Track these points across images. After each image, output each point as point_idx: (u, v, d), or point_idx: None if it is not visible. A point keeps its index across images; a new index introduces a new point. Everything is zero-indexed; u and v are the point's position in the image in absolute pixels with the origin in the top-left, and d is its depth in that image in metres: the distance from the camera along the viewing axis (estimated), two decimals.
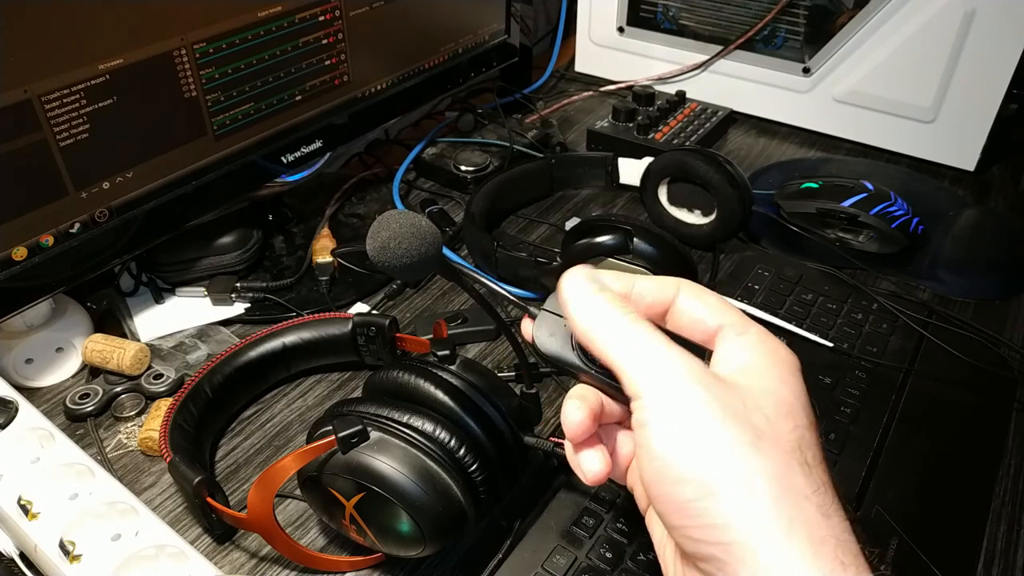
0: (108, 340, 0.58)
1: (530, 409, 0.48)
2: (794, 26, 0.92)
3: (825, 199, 0.73)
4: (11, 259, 0.51)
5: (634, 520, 0.47)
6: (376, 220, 0.38)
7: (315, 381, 0.60)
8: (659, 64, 1.01)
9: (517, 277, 0.66)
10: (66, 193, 0.52)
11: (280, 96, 0.64)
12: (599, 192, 0.84)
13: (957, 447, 0.54)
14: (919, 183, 0.85)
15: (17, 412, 0.48)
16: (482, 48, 0.85)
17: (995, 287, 0.70)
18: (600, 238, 0.59)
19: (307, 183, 0.77)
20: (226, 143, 0.61)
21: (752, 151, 0.93)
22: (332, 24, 0.66)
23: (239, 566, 0.47)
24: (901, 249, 0.72)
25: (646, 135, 0.87)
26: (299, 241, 0.73)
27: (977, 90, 0.82)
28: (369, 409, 0.42)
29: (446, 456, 0.40)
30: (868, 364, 0.59)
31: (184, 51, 0.55)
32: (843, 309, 0.65)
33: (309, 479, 0.42)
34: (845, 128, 0.93)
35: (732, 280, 0.68)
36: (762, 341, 0.32)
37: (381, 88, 0.74)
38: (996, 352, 0.61)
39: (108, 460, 0.53)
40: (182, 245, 0.65)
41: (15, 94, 0.47)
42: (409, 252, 0.37)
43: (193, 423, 0.50)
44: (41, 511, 0.43)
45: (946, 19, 0.80)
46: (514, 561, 0.45)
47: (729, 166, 0.70)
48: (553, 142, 0.89)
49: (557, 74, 1.10)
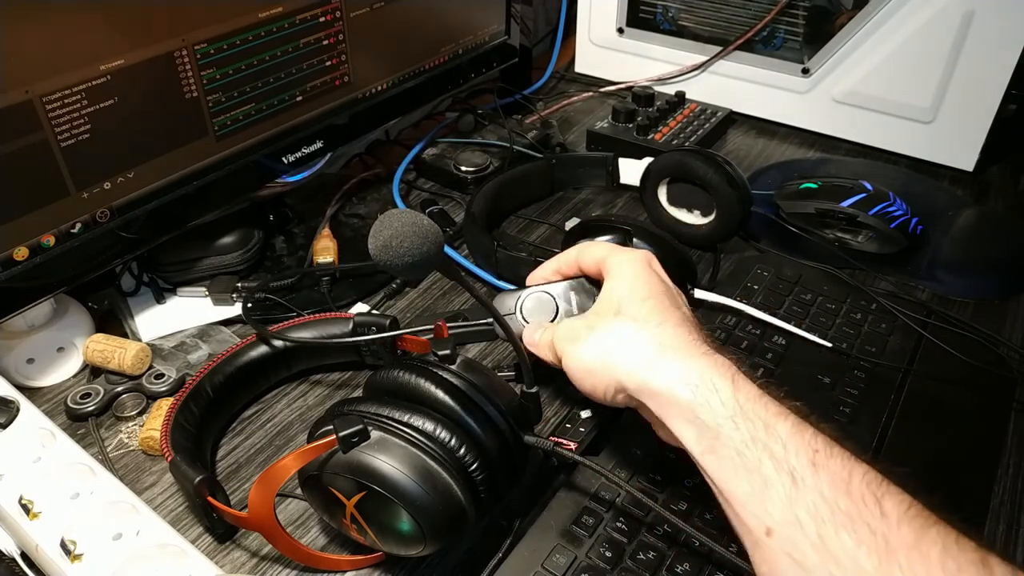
0: (109, 340, 0.58)
1: (530, 408, 0.48)
2: (793, 27, 0.92)
3: (824, 199, 0.73)
4: (12, 259, 0.51)
5: (634, 520, 0.47)
6: (378, 219, 0.38)
7: (316, 381, 0.60)
8: (659, 65, 1.01)
9: (517, 277, 0.66)
10: (67, 193, 0.52)
11: (281, 97, 0.64)
12: (599, 192, 0.84)
13: (956, 447, 0.54)
14: (918, 183, 0.85)
15: (18, 412, 0.49)
16: (482, 49, 0.86)
17: (994, 287, 0.70)
18: (600, 238, 0.59)
19: (308, 183, 0.77)
20: (227, 143, 0.62)
21: (751, 151, 0.93)
22: (333, 25, 0.66)
23: (240, 565, 0.47)
24: (900, 249, 0.72)
25: (646, 136, 0.88)
26: (300, 241, 0.74)
27: (976, 90, 0.82)
28: (370, 409, 0.42)
29: (446, 455, 0.41)
30: (867, 364, 0.59)
31: (185, 52, 0.56)
32: (842, 309, 0.65)
33: (310, 478, 0.42)
34: (844, 128, 0.93)
35: (732, 280, 0.68)
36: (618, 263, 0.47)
37: (382, 89, 0.74)
38: (995, 352, 0.61)
39: (109, 459, 0.53)
40: (183, 245, 0.65)
41: (16, 94, 0.47)
42: (411, 251, 0.38)
43: (194, 423, 0.50)
44: (42, 510, 0.43)
45: (945, 19, 0.81)
46: (514, 560, 0.45)
47: (728, 166, 0.70)
48: (553, 143, 0.89)
49: (557, 75, 1.10)
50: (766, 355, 0.60)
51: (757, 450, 0.35)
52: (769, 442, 0.34)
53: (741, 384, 0.38)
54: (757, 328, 0.63)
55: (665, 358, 0.40)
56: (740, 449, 0.35)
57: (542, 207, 0.82)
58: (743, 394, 0.37)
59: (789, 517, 0.32)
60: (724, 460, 0.36)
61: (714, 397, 0.37)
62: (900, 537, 0.30)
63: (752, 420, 0.36)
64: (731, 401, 0.37)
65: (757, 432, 0.35)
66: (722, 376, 0.38)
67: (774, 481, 0.34)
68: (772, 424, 0.35)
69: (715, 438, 0.37)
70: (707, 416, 0.37)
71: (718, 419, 0.37)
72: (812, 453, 0.33)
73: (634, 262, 0.47)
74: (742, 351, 0.60)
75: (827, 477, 0.32)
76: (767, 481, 0.34)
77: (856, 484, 0.32)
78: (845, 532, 0.31)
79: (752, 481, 0.34)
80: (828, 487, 0.32)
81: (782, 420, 0.36)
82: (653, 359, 0.41)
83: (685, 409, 0.38)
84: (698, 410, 0.38)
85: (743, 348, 0.61)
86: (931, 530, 0.31)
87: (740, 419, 0.36)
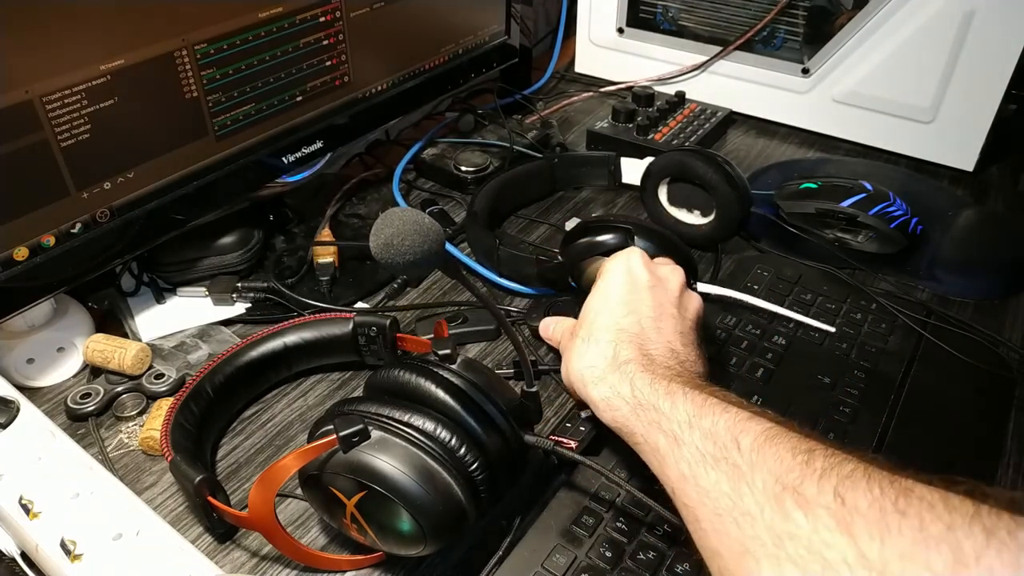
0: (109, 340, 0.58)
1: (530, 408, 0.48)
2: (793, 27, 0.92)
3: (824, 199, 0.73)
4: (12, 259, 0.51)
5: (634, 520, 0.47)
6: (379, 217, 0.38)
7: (316, 381, 0.60)
8: (659, 65, 1.01)
9: (519, 274, 0.66)
10: (67, 193, 0.52)
11: (281, 97, 0.64)
12: (600, 192, 0.84)
13: (956, 447, 0.54)
14: (918, 183, 0.85)
15: (18, 412, 0.49)
16: (482, 49, 0.86)
17: (994, 287, 0.70)
18: (601, 237, 0.59)
19: (308, 183, 0.77)
20: (227, 143, 0.62)
21: (751, 151, 0.93)
22: (333, 25, 0.66)
23: (240, 565, 0.47)
24: (900, 249, 0.72)
25: (646, 136, 0.88)
26: (300, 241, 0.74)
27: (976, 90, 0.82)
28: (370, 408, 0.42)
29: (447, 455, 0.41)
30: (867, 364, 0.59)
31: (185, 52, 0.56)
32: (842, 309, 0.65)
33: (310, 478, 0.42)
34: (844, 128, 0.93)
35: (732, 280, 0.68)
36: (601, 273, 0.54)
37: (382, 89, 0.74)
38: (995, 352, 0.61)
39: (109, 459, 0.53)
40: (183, 245, 0.65)
41: (16, 95, 0.47)
42: (412, 249, 0.38)
43: (194, 422, 0.50)
44: (42, 510, 0.43)
45: (945, 19, 0.81)
46: (514, 560, 0.45)
47: (728, 166, 0.70)
48: (553, 143, 0.89)
49: (557, 75, 1.10)
50: (766, 355, 0.60)
51: (654, 432, 0.41)
52: (660, 421, 0.41)
53: (637, 381, 0.44)
54: (757, 329, 0.63)
55: (591, 382, 0.47)
56: (645, 435, 0.42)
57: (542, 207, 0.82)
58: (639, 389, 0.44)
59: (677, 473, 0.39)
60: (641, 450, 0.43)
61: (620, 402, 0.44)
62: (747, 460, 0.36)
63: (647, 408, 0.42)
64: (631, 399, 0.44)
65: (651, 416, 0.42)
66: (623, 381, 0.45)
67: (665, 449, 0.40)
68: (659, 405, 0.42)
69: (631, 435, 0.43)
70: (620, 420, 0.44)
71: (627, 419, 0.43)
72: (688, 417, 0.40)
73: (608, 272, 0.53)
74: (742, 351, 0.60)
75: (699, 432, 0.39)
76: (662, 451, 0.40)
77: (720, 430, 0.38)
78: (712, 470, 0.37)
79: (657, 457, 0.41)
80: (700, 439, 0.38)
81: (668, 398, 0.42)
82: (585, 382, 0.47)
83: (608, 420, 0.45)
84: (614, 417, 0.44)
85: (743, 348, 0.61)
86: (774, 445, 0.36)
87: (640, 411, 0.43)
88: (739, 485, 0.35)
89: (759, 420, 0.38)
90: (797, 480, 0.33)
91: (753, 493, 0.34)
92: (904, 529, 0.29)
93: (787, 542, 0.32)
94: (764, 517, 0.33)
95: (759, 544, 0.33)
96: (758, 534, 0.33)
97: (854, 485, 0.32)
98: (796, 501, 0.33)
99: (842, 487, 0.32)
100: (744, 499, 0.35)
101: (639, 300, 0.50)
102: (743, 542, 0.34)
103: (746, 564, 0.33)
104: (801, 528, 0.32)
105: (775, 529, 0.33)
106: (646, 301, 0.50)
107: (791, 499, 0.33)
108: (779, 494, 0.33)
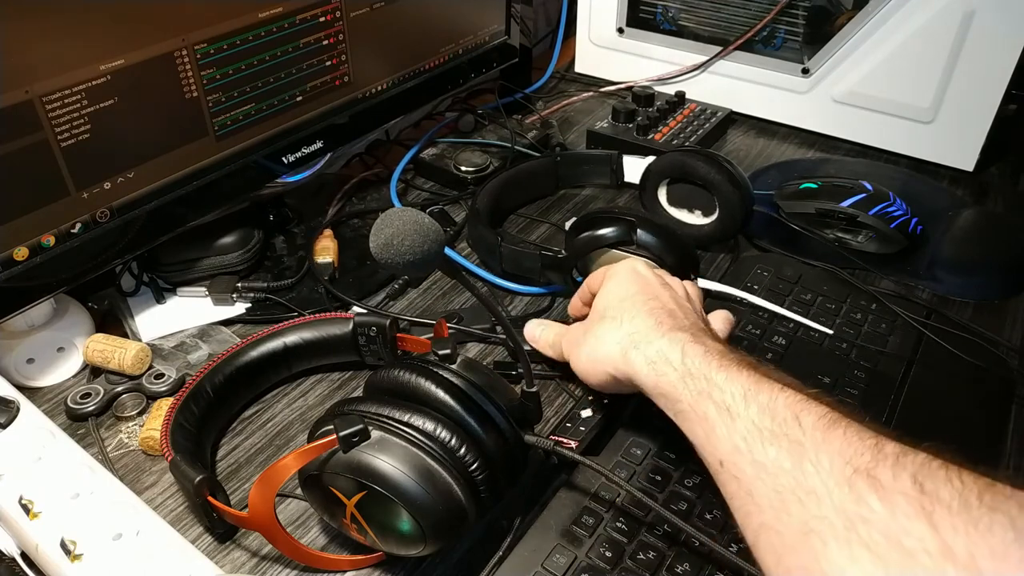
0: (109, 340, 0.58)
1: (530, 408, 0.48)
2: (793, 27, 0.92)
3: (824, 199, 0.73)
4: (12, 259, 0.51)
5: (634, 520, 0.47)
6: (379, 217, 0.39)
7: (316, 381, 0.60)
8: (659, 65, 1.01)
9: (522, 270, 0.66)
10: (67, 193, 0.52)
11: (281, 97, 0.64)
12: (601, 191, 0.84)
13: (956, 447, 0.53)
14: (918, 183, 0.85)
15: (18, 412, 0.49)
16: (482, 49, 0.86)
17: (994, 287, 0.70)
18: (604, 230, 0.59)
19: (308, 183, 0.77)
20: (227, 143, 0.62)
21: (751, 151, 0.93)
22: (333, 25, 0.66)
23: (240, 565, 0.47)
24: (900, 249, 0.72)
25: (646, 136, 0.88)
26: (300, 241, 0.74)
27: (976, 90, 0.82)
28: (370, 408, 0.42)
29: (447, 455, 0.41)
30: (867, 364, 0.59)
31: (185, 52, 0.56)
32: (842, 309, 0.65)
33: (310, 478, 0.42)
34: (844, 128, 0.93)
35: (732, 280, 0.68)
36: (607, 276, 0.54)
37: (382, 89, 0.74)
38: (995, 352, 0.61)
39: (109, 459, 0.53)
40: (183, 245, 0.65)
41: (16, 94, 0.47)
42: (412, 249, 0.38)
43: (194, 422, 0.50)
44: (42, 510, 0.43)
45: (945, 19, 0.81)
46: (514, 560, 0.45)
47: (730, 166, 0.70)
48: (553, 143, 0.89)
49: (557, 75, 1.10)
50: (766, 355, 0.60)
51: (703, 400, 0.41)
52: (711, 391, 0.41)
53: (688, 350, 0.44)
54: (757, 329, 0.63)
55: (634, 346, 0.47)
56: (692, 404, 0.42)
57: (543, 206, 0.82)
58: (689, 358, 0.44)
59: (730, 445, 0.38)
60: (684, 417, 0.43)
61: (668, 368, 0.44)
62: (811, 438, 0.35)
63: (697, 378, 0.42)
64: (680, 367, 0.44)
65: (701, 385, 0.42)
66: (673, 348, 0.45)
67: (716, 421, 0.40)
68: (712, 376, 0.42)
69: (676, 402, 0.43)
70: (666, 385, 0.44)
71: (674, 385, 0.43)
72: (744, 391, 0.40)
73: (617, 272, 0.54)
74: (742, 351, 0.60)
75: (756, 407, 0.39)
76: (712, 423, 0.40)
77: (779, 407, 0.38)
78: (771, 445, 0.36)
79: (704, 426, 0.41)
80: (757, 414, 0.38)
81: (722, 371, 0.42)
82: (626, 349, 0.47)
83: (651, 384, 0.45)
84: (659, 382, 0.44)
85: (743, 348, 0.61)
86: (839, 427, 0.35)
87: (689, 380, 0.43)
88: (802, 463, 0.35)
89: (818, 401, 0.38)
90: (870, 463, 0.33)
91: (819, 472, 0.34)
92: (995, 527, 0.28)
93: (860, 525, 0.31)
94: (833, 498, 0.33)
95: (827, 525, 0.32)
96: (825, 514, 0.33)
97: (932, 474, 0.31)
98: (870, 484, 0.32)
99: (920, 475, 0.31)
100: (809, 478, 0.34)
101: (656, 292, 0.51)
102: (806, 521, 0.33)
103: (810, 543, 0.33)
104: (876, 513, 0.31)
105: (846, 512, 0.32)
106: (662, 294, 0.51)
107: (864, 482, 0.32)
108: (850, 476, 0.33)
